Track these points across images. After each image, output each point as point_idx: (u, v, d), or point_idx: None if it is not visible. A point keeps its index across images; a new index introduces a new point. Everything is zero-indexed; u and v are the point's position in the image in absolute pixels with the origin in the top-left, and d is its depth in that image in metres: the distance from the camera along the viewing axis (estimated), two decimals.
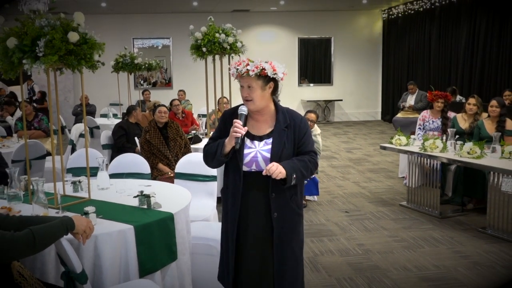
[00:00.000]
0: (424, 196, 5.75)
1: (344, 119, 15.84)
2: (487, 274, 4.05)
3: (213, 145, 2.67)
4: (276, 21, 15.24)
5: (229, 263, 2.71)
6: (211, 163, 2.72)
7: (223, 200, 2.79)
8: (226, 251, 2.75)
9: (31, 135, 6.60)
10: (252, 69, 2.52)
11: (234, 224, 2.67)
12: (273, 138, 2.63)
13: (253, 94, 2.57)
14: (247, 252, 2.68)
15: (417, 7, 13.52)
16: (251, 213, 2.66)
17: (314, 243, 4.78)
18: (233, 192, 2.67)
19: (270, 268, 2.67)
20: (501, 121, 5.63)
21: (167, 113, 5.77)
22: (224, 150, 2.59)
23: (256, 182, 2.63)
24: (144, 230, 2.84)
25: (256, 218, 2.66)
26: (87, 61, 3.08)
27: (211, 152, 2.66)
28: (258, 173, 2.62)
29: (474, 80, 11.06)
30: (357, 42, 15.64)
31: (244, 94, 2.60)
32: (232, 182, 2.67)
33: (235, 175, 2.65)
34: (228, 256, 2.72)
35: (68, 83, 14.28)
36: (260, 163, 2.62)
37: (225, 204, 2.77)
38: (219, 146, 2.61)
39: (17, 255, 2.16)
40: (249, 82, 2.56)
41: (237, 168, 2.63)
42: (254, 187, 2.64)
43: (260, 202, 2.65)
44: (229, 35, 6.04)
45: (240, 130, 2.52)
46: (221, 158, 2.61)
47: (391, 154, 8.94)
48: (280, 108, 2.71)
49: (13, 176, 3.37)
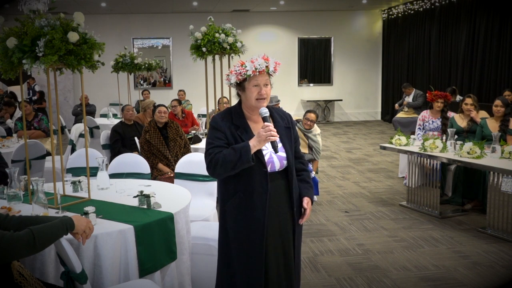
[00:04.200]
0: (424, 196, 5.75)
1: (344, 119, 15.84)
2: (486, 274, 4.05)
3: (230, 152, 2.49)
4: (276, 21, 15.25)
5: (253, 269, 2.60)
6: (229, 171, 2.52)
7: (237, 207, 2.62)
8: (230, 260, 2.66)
9: (31, 135, 6.60)
10: (274, 67, 2.53)
11: (262, 227, 2.58)
12: (281, 137, 2.62)
13: (269, 92, 2.58)
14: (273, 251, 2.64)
15: (417, 7, 13.52)
16: (274, 212, 2.63)
17: (314, 243, 4.78)
18: (258, 195, 2.58)
19: (292, 261, 2.71)
20: (505, 121, 5.64)
21: (167, 113, 5.76)
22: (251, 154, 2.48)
23: (274, 182, 2.63)
24: (144, 230, 2.84)
25: (279, 216, 2.66)
26: (87, 61, 3.08)
27: (231, 160, 2.47)
28: (274, 174, 2.63)
29: (474, 80, 11.06)
30: (357, 42, 15.65)
31: (262, 91, 2.54)
32: (256, 186, 2.57)
33: (260, 179, 2.57)
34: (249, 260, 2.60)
35: (68, 83, 14.29)
36: (275, 163, 2.62)
37: (243, 211, 2.60)
38: (243, 151, 2.46)
39: (17, 255, 2.16)
40: (267, 79, 2.56)
41: (261, 171, 2.57)
42: (273, 187, 2.62)
43: (281, 199, 2.66)
44: (229, 35, 6.04)
45: (276, 133, 2.48)
46: (250, 163, 2.48)
47: (391, 154, 8.95)
48: (270, 108, 2.69)
49: (13, 176, 3.37)
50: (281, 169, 2.65)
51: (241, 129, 2.60)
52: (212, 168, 2.56)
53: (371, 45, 15.77)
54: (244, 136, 2.57)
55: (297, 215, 2.72)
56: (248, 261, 2.61)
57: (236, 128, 2.60)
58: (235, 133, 2.59)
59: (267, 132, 2.45)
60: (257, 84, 2.54)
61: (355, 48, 15.63)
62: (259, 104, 2.56)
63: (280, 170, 2.65)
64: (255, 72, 2.50)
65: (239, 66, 2.54)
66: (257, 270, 2.59)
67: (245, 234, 2.61)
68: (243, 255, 2.62)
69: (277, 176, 2.64)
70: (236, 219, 2.63)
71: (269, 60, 2.54)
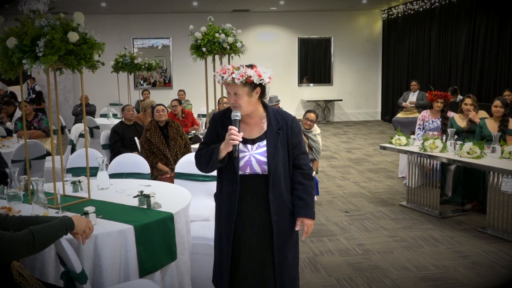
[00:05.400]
0: (424, 196, 5.75)
1: (344, 119, 15.84)
2: (486, 274, 4.05)
3: (207, 150, 2.62)
4: (276, 21, 15.24)
5: (223, 266, 2.67)
6: (205, 168, 2.68)
7: (217, 205, 2.75)
8: (221, 255, 2.71)
9: (31, 135, 6.60)
10: (238, 77, 2.48)
11: (231, 227, 2.63)
12: (267, 141, 2.62)
13: (240, 101, 2.54)
14: (245, 255, 2.65)
15: (417, 7, 13.52)
16: (248, 217, 2.63)
17: (314, 243, 4.78)
18: (229, 196, 2.63)
19: (270, 269, 2.65)
20: (504, 121, 5.64)
21: (165, 111, 5.76)
22: (220, 155, 2.55)
23: (251, 185, 2.62)
24: (144, 230, 2.84)
25: (254, 222, 2.64)
26: (87, 61, 3.08)
27: (206, 158, 2.61)
28: (253, 176, 2.62)
29: (474, 80, 11.07)
30: (357, 42, 15.65)
31: (231, 101, 2.56)
32: (228, 186, 2.64)
33: (232, 180, 2.61)
34: (222, 260, 2.68)
35: (68, 83, 14.29)
36: (254, 167, 2.61)
37: (219, 209, 2.73)
38: (214, 151, 2.56)
39: (16, 255, 2.16)
40: (235, 89, 2.53)
41: (233, 172, 2.60)
42: (249, 191, 2.62)
43: (257, 205, 2.63)
44: (229, 35, 6.04)
45: (237, 137, 2.48)
46: (217, 164, 2.58)
47: (391, 154, 8.95)
48: (270, 110, 2.68)
49: (13, 176, 3.37)
50: (263, 173, 2.62)
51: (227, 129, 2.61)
52: (195, 163, 2.73)
53: (371, 45, 15.77)
54: None
55: (278, 225, 2.63)
56: (221, 262, 2.71)
57: (224, 128, 2.62)
58: (222, 132, 2.62)
59: (229, 136, 2.49)
60: (228, 92, 2.59)
61: (355, 48, 15.63)
62: (234, 110, 2.58)
63: (262, 175, 2.62)
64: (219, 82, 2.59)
65: (218, 73, 2.57)
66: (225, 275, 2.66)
67: (219, 233, 2.74)
68: (218, 254, 2.75)
69: (258, 180, 2.62)
70: (217, 217, 2.77)
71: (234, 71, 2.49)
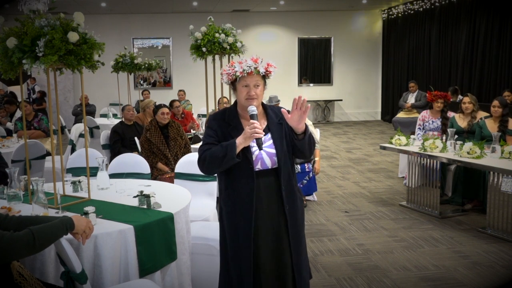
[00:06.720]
0: (424, 196, 5.75)
1: (344, 119, 15.84)
2: (486, 274, 4.05)
3: (218, 148, 2.57)
4: (276, 21, 15.25)
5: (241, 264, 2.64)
6: (216, 168, 2.62)
7: (229, 204, 2.70)
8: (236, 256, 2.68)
9: (31, 135, 6.60)
10: (265, 67, 2.58)
11: (250, 224, 2.62)
12: (272, 133, 2.68)
13: (259, 93, 2.62)
14: (265, 250, 2.65)
15: (417, 7, 13.52)
16: (264, 210, 2.65)
17: (314, 243, 4.78)
18: (245, 193, 2.62)
19: (288, 260, 2.68)
20: (504, 121, 5.64)
21: (170, 114, 5.76)
22: (236, 151, 2.53)
23: (262, 181, 2.65)
24: (144, 230, 2.84)
25: (270, 214, 2.67)
26: (87, 61, 3.08)
27: (218, 156, 2.55)
28: (263, 171, 2.65)
29: (474, 80, 11.07)
30: (357, 42, 15.65)
31: (251, 92, 2.60)
32: (242, 183, 2.64)
33: (246, 176, 2.62)
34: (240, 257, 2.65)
35: (68, 83, 14.29)
36: (265, 160, 2.64)
37: (232, 207, 2.68)
38: (229, 148, 2.52)
39: (16, 255, 2.16)
40: (257, 80, 2.61)
41: (247, 168, 2.61)
42: (262, 185, 2.65)
43: (271, 197, 2.67)
44: (229, 35, 6.04)
45: (261, 130, 2.51)
46: (235, 160, 2.53)
47: (391, 154, 8.95)
48: (265, 105, 2.76)
49: (13, 176, 3.37)
50: (273, 167, 2.66)
51: (232, 127, 2.66)
52: (201, 164, 2.65)
53: (371, 45, 15.77)
54: (235, 133, 2.61)
55: (291, 215, 2.68)
56: (239, 258, 2.67)
57: (227, 126, 2.67)
58: (226, 131, 2.65)
59: (252, 129, 2.49)
60: (246, 85, 2.60)
61: (355, 48, 15.63)
62: (247, 103, 2.61)
63: (272, 168, 2.66)
64: (242, 73, 2.57)
65: (229, 67, 2.62)
66: (247, 269, 2.63)
67: (235, 232, 2.69)
68: (235, 253, 2.70)
69: (268, 175, 2.66)
70: (228, 217, 2.71)
71: (258, 61, 2.59)
